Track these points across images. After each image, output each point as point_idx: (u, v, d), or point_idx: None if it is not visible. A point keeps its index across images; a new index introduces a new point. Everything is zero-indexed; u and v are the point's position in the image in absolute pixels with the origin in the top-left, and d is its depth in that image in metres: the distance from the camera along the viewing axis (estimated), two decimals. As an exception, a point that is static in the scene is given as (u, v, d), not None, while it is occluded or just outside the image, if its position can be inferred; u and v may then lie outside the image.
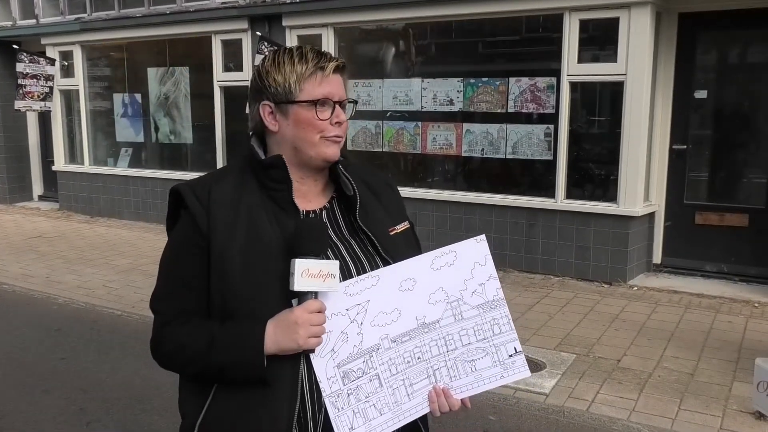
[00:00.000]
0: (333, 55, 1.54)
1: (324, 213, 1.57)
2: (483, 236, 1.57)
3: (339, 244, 1.53)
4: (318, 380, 1.43)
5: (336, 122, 1.51)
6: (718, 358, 4.66)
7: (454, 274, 1.53)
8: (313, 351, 1.42)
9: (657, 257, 6.80)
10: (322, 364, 1.43)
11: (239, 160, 1.60)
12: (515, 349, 1.54)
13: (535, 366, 4.52)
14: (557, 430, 3.81)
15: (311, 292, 1.40)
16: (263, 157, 1.54)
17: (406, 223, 1.66)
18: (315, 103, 1.48)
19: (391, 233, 1.59)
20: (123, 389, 4.36)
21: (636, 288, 6.34)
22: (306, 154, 1.52)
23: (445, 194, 7.40)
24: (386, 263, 1.52)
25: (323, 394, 1.42)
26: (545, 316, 5.58)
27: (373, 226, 1.56)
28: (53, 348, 5.15)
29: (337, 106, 1.51)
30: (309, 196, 1.57)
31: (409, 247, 1.62)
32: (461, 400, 1.54)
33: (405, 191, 7.33)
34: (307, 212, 1.55)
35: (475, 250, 1.55)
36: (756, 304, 5.81)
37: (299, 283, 1.38)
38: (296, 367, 1.42)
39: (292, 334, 1.38)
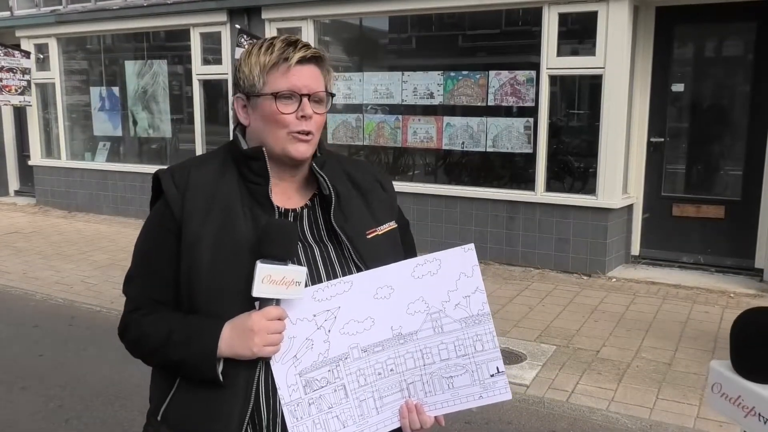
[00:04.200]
0: (310, 45, 1.46)
1: (305, 212, 1.51)
2: (471, 245, 1.46)
3: (314, 247, 1.47)
4: (277, 387, 1.36)
5: (302, 116, 1.42)
6: (695, 348, 4.72)
7: (437, 284, 1.43)
8: (268, 358, 1.36)
9: (635, 249, 6.88)
10: (282, 371, 1.36)
11: (223, 147, 1.54)
12: (497, 368, 1.46)
13: (515, 357, 4.55)
14: (538, 421, 3.85)
15: (273, 299, 1.34)
16: (246, 147, 1.48)
17: (393, 223, 1.56)
18: (275, 95, 1.41)
19: (370, 236, 1.50)
20: (102, 386, 4.32)
21: (615, 279, 6.41)
22: (272, 151, 1.44)
23: (426, 187, 7.42)
24: (359, 270, 1.45)
25: (282, 402, 1.36)
26: (525, 308, 5.62)
27: (348, 229, 1.48)
28: (31, 345, 5.09)
29: (304, 99, 1.41)
30: (288, 193, 1.51)
31: (394, 250, 1.53)
32: (435, 417, 1.47)
33: (386, 185, 7.38)
34: (287, 210, 1.48)
35: (462, 259, 1.45)
36: (732, 295, 5.89)
37: (259, 290, 1.31)
38: (251, 370, 1.37)
39: (246, 341, 1.33)
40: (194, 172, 1.46)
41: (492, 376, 1.46)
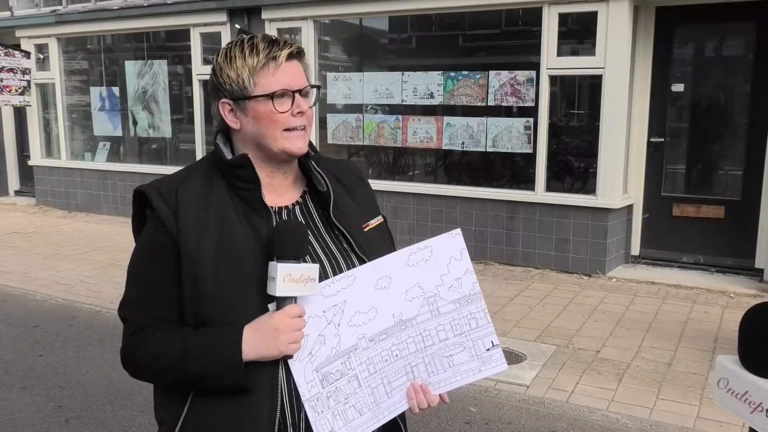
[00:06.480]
0: (288, 41, 1.46)
1: (297, 208, 1.53)
2: (458, 230, 1.55)
3: (314, 242, 1.50)
4: (297, 385, 1.40)
5: (298, 112, 1.45)
6: (695, 348, 4.72)
7: (430, 270, 1.51)
8: (291, 356, 1.40)
9: (635, 249, 6.88)
10: (300, 368, 1.41)
11: (206, 158, 1.54)
12: (492, 342, 1.53)
13: (515, 358, 4.55)
14: (538, 421, 3.85)
15: (291, 297, 1.37)
16: (230, 155, 1.48)
17: (380, 217, 1.63)
18: (271, 96, 1.42)
19: (365, 229, 1.57)
20: (102, 386, 4.32)
21: (615, 279, 6.41)
22: (270, 150, 1.46)
23: (426, 187, 7.42)
24: (361, 261, 1.50)
25: (302, 398, 1.41)
26: (525, 308, 5.62)
27: (348, 224, 1.53)
28: (31, 345, 5.09)
29: (297, 95, 1.44)
30: (280, 190, 1.53)
31: (384, 242, 1.60)
32: (440, 395, 1.53)
33: (386, 185, 7.40)
34: (280, 209, 1.51)
35: (451, 244, 1.53)
36: (732, 295, 5.90)
37: (282, 289, 1.34)
38: (275, 371, 1.40)
39: (273, 341, 1.35)
40: (181, 188, 1.45)
41: (488, 350, 1.54)
